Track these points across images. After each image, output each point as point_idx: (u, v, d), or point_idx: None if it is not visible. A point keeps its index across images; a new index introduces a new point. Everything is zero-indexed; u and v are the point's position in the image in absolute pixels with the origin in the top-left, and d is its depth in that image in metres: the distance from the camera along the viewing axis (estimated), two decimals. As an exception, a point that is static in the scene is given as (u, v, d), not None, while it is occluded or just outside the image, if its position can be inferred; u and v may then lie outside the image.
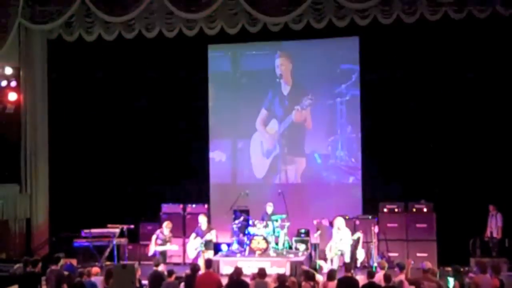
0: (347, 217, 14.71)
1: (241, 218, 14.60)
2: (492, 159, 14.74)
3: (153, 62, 16.69)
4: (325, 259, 13.62)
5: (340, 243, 13.40)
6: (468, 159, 14.88)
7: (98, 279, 10.89)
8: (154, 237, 13.53)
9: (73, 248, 14.58)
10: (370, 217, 14.89)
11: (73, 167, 16.76)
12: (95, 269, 11.35)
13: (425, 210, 14.82)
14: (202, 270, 11.58)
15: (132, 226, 14.85)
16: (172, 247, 13.69)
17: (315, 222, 14.58)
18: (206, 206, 16.08)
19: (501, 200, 14.37)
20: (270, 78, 16.53)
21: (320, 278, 11.14)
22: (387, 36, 15.14)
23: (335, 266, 13.10)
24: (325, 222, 14.46)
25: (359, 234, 13.69)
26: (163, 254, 13.38)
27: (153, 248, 13.38)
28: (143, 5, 14.97)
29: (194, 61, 16.75)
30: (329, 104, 16.24)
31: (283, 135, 16.55)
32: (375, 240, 14.31)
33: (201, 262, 12.71)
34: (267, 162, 16.65)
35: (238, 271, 10.64)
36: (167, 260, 13.45)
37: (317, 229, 14.51)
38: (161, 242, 13.40)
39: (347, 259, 13.31)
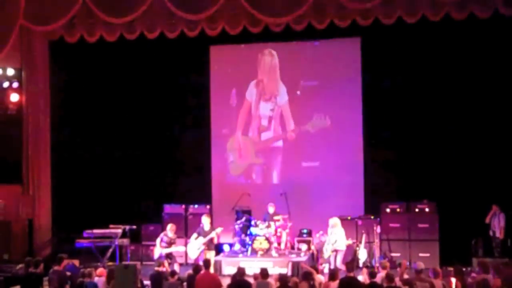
0: (349, 218, 14.74)
1: (243, 219, 14.60)
2: (495, 159, 14.71)
3: (154, 63, 16.70)
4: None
5: (335, 244, 13.41)
6: (471, 158, 14.85)
7: (100, 280, 10.90)
8: (158, 240, 13.54)
9: (75, 249, 14.57)
10: (372, 217, 14.88)
11: (75, 168, 16.78)
12: (100, 270, 11.37)
13: (427, 210, 14.82)
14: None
15: (134, 227, 14.84)
16: (178, 249, 13.68)
17: (317, 235, 14.56)
18: (208, 206, 16.08)
19: (504, 200, 14.32)
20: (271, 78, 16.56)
21: (321, 278, 11.15)
22: (389, 36, 15.12)
23: (332, 265, 13.16)
24: (324, 238, 14.43)
25: (350, 242, 13.69)
26: (170, 256, 13.40)
27: (158, 250, 13.38)
28: (145, 6, 14.98)
29: (196, 61, 16.75)
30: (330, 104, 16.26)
31: (284, 136, 16.56)
32: (377, 240, 14.31)
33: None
34: (269, 162, 16.65)
35: (241, 271, 10.64)
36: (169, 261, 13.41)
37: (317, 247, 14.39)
38: (166, 244, 13.40)
39: (361, 257, 13.44)
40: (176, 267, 12.89)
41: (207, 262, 11.21)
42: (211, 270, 11.99)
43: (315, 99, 16.29)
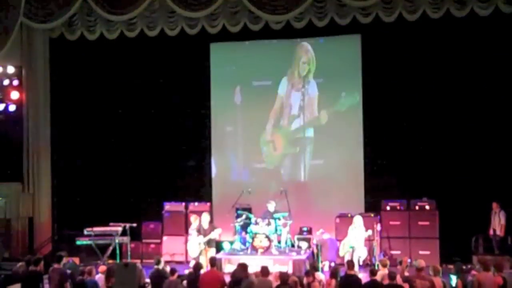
0: (349, 215, 14.72)
1: (244, 216, 14.59)
2: (495, 157, 14.68)
3: (155, 61, 16.67)
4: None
5: (354, 240, 13.43)
6: (471, 156, 14.82)
7: (101, 278, 10.91)
8: (194, 231, 13.48)
9: (75, 247, 14.57)
10: (372, 214, 14.87)
11: (76, 165, 16.77)
12: (102, 267, 11.38)
13: (427, 207, 14.81)
14: (204, 269, 11.61)
15: (134, 225, 14.82)
16: (216, 232, 13.52)
17: (318, 233, 14.53)
18: (208, 204, 16.08)
19: (504, 197, 14.31)
20: (272, 77, 16.53)
21: (321, 276, 11.15)
22: (389, 33, 15.10)
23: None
24: (326, 236, 14.41)
25: (369, 232, 13.68)
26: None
27: (195, 245, 13.36)
28: (145, 4, 14.98)
29: (196, 59, 16.72)
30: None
31: (290, 134, 16.52)
32: (377, 237, 14.29)
33: (203, 261, 12.72)
34: (273, 160, 16.65)
35: (243, 267, 10.63)
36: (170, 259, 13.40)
37: (317, 244, 14.34)
38: (201, 234, 13.38)
39: (361, 255, 13.42)
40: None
41: (213, 260, 11.22)
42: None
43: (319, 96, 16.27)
